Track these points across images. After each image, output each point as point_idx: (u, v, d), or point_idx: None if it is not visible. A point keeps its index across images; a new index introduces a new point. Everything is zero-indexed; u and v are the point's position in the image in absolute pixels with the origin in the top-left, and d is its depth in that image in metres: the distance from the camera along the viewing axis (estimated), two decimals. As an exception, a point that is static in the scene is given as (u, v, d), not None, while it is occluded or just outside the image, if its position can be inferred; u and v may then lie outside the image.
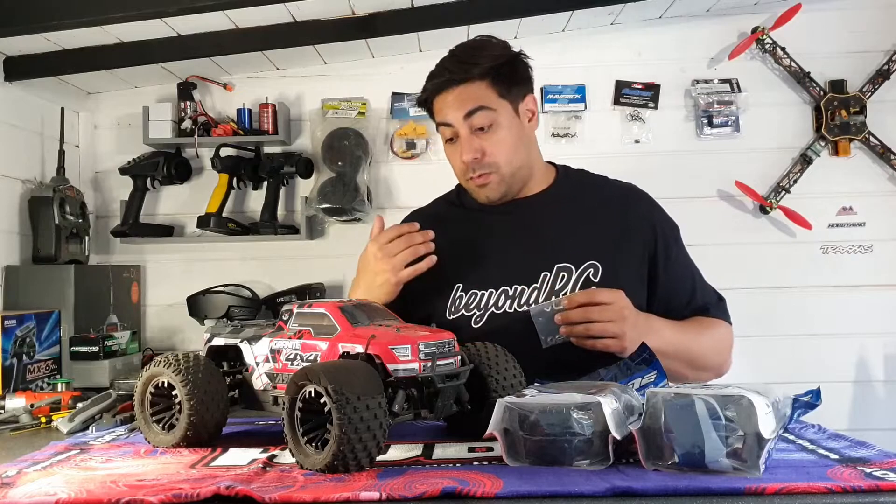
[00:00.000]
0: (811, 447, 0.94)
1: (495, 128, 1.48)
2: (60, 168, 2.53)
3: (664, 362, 1.28)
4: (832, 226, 2.77)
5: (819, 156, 2.76)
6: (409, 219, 1.71)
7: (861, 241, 2.77)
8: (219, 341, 1.10)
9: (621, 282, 1.45)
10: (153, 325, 2.81)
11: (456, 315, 1.49)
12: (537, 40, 2.69)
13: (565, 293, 1.45)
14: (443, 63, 1.52)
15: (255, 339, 1.05)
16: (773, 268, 2.76)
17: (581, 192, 1.60)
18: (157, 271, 2.82)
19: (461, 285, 1.50)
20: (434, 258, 1.42)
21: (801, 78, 2.75)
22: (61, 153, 2.53)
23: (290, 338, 1.01)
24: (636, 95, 2.80)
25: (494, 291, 1.48)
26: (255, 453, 0.98)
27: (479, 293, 1.49)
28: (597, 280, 1.46)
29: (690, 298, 1.57)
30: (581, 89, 2.80)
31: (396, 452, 0.96)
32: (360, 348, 0.93)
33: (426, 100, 1.54)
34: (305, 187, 2.79)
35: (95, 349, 2.14)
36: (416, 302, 1.54)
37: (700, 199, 2.78)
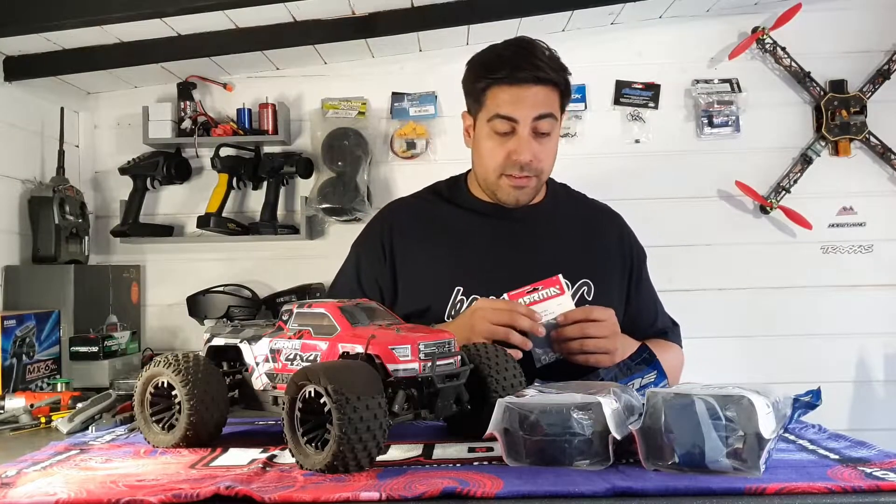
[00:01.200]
0: (811, 447, 0.94)
1: (550, 137, 1.49)
2: (60, 168, 2.52)
3: None
4: (832, 226, 2.77)
5: (819, 156, 2.76)
6: (394, 207, 1.69)
7: (861, 241, 2.76)
8: (219, 341, 1.10)
9: (611, 301, 1.47)
10: (153, 325, 2.80)
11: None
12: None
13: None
14: (520, 55, 1.46)
15: (255, 339, 1.05)
16: (773, 268, 2.76)
17: (570, 209, 1.64)
18: (157, 271, 2.82)
19: (461, 289, 1.50)
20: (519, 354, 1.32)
21: (801, 78, 2.75)
22: (61, 153, 2.53)
23: (289, 338, 1.01)
24: (636, 95, 2.80)
25: (495, 299, 1.47)
26: (255, 453, 0.98)
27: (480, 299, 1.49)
28: (590, 298, 1.49)
29: (654, 321, 1.61)
30: (581, 89, 2.80)
31: (396, 452, 0.96)
32: (360, 348, 0.93)
33: (489, 84, 1.47)
34: (305, 187, 2.78)
35: (95, 349, 2.14)
36: (411, 297, 1.53)
37: (700, 199, 2.78)
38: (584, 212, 1.64)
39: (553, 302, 1.37)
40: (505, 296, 1.37)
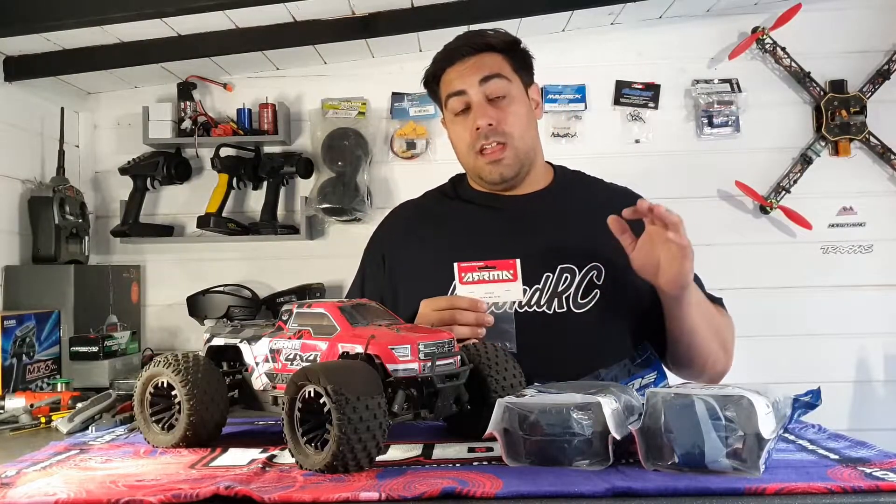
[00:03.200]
0: (811, 447, 0.94)
1: (510, 100, 1.48)
2: (60, 168, 2.53)
3: (700, 328, 1.31)
4: (832, 226, 2.77)
5: (819, 156, 2.76)
6: (399, 210, 1.70)
7: (861, 241, 2.77)
8: (219, 341, 1.10)
9: (623, 285, 1.44)
10: (153, 325, 2.81)
11: None
12: (537, 40, 2.65)
13: (568, 296, 1.44)
14: (454, 40, 1.52)
15: (255, 339, 1.05)
16: (773, 268, 2.76)
17: (580, 193, 1.60)
18: (157, 271, 2.82)
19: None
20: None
21: (801, 78, 2.75)
22: (61, 153, 2.53)
23: (289, 338, 1.01)
24: (636, 95, 2.80)
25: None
26: (255, 453, 0.98)
27: None
28: (600, 283, 1.45)
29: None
30: (581, 89, 2.80)
31: (396, 452, 0.96)
32: (359, 348, 0.93)
33: (434, 74, 1.52)
34: (305, 187, 2.79)
35: (95, 349, 2.13)
36: (411, 293, 1.53)
37: (700, 199, 2.78)
38: (598, 195, 1.60)
39: (502, 287, 1.29)
40: (456, 267, 1.29)
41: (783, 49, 2.74)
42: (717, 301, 1.59)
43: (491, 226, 1.54)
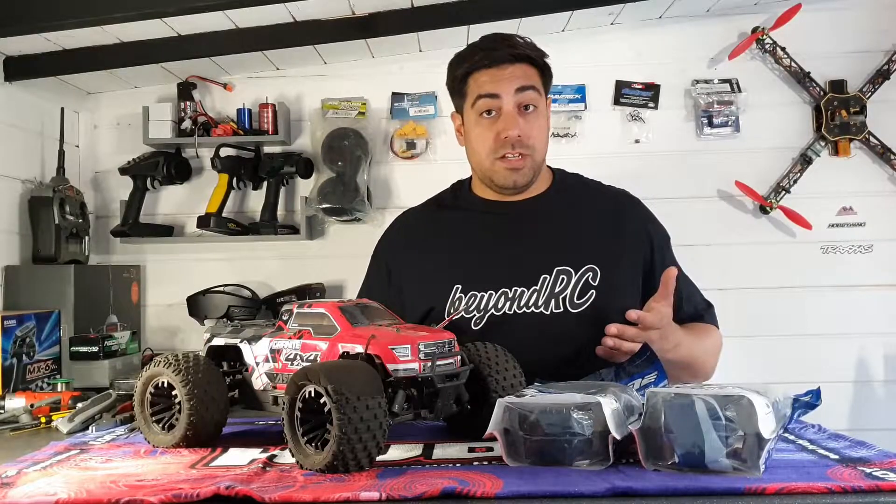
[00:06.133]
0: (811, 447, 0.94)
1: (538, 113, 1.50)
2: (60, 168, 2.52)
3: (678, 369, 1.29)
4: (832, 226, 2.77)
5: (819, 156, 2.76)
6: (401, 219, 1.71)
7: (861, 241, 2.76)
8: (219, 341, 1.10)
9: (618, 286, 1.46)
10: (153, 325, 2.81)
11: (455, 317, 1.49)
12: (537, 40, 2.67)
13: (565, 296, 1.46)
14: (494, 40, 1.52)
15: (255, 339, 1.05)
16: (773, 268, 2.76)
17: (578, 196, 1.61)
18: (157, 271, 2.82)
19: (460, 286, 1.49)
20: None
21: (801, 78, 2.75)
22: (61, 153, 2.53)
23: (290, 338, 1.01)
24: (636, 95, 2.80)
25: (494, 293, 1.47)
26: (255, 453, 0.99)
27: (479, 295, 1.48)
28: (595, 283, 1.47)
29: (685, 304, 1.57)
30: (581, 89, 2.80)
31: (396, 452, 0.96)
32: (360, 348, 0.93)
33: (468, 71, 1.51)
34: (305, 187, 2.79)
35: (95, 349, 2.13)
36: (415, 300, 1.53)
37: (700, 199, 2.78)
38: (597, 198, 1.61)
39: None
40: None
41: (783, 49, 2.74)
42: (704, 311, 1.60)
43: (489, 231, 1.55)
